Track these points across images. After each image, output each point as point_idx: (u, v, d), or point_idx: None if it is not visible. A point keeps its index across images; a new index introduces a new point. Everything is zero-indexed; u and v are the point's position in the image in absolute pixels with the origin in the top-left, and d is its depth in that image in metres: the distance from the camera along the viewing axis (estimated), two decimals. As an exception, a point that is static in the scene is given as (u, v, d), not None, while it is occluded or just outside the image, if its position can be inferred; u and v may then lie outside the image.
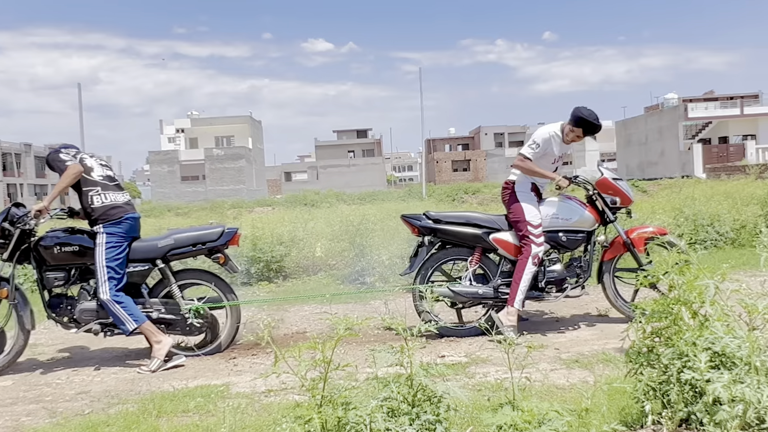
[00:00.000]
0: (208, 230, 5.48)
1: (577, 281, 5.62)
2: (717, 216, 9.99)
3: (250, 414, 3.79)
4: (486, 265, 5.67)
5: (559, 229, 5.56)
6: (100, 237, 5.05)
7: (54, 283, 5.17)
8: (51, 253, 5.11)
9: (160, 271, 5.33)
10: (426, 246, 5.65)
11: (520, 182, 5.54)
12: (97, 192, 5.11)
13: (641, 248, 5.64)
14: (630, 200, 5.66)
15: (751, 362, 2.40)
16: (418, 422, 2.64)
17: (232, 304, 5.44)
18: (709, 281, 2.69)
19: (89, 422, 3.84)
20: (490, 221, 5.61)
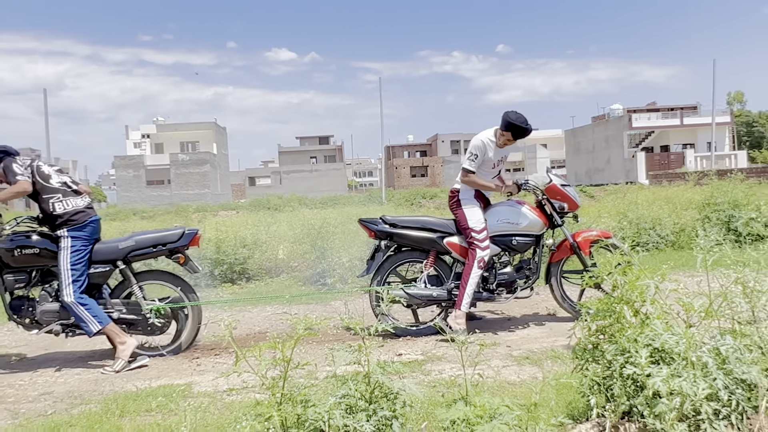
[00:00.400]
0: (168, 232, 5.41)
1: (526, 282, 5.68)
2: (658, 220, 10.19)
3: (212, 412, 3.74)
4: (440, 268, 5.70)
5: (509, 233, 5.61)
6: (64, 241, 4.96)
7: (15, 286, 5.08)
8: (11, 256, 5.01)
9: (122, 272, 5.26)
10: (382, 249, 5.67)
11: (464, 190, 5.58)
12: (58, 198, 5.00)
13: (587, 251, 5.71)
14: (577, 205, 5.75)
15: (688, 357, 2.45)
16: (375, 418, 2.63)
17: (193, 304, 5.37)
18: (650, 281, 2.75)
19: (52, 423, 3.76)
20: (443, 225, 5.64)
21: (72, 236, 4.99)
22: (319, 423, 2.49)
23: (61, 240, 4.97)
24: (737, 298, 2.83)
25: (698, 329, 2.72)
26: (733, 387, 2.47)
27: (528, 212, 5.65)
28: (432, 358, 4.83)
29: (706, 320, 2.79)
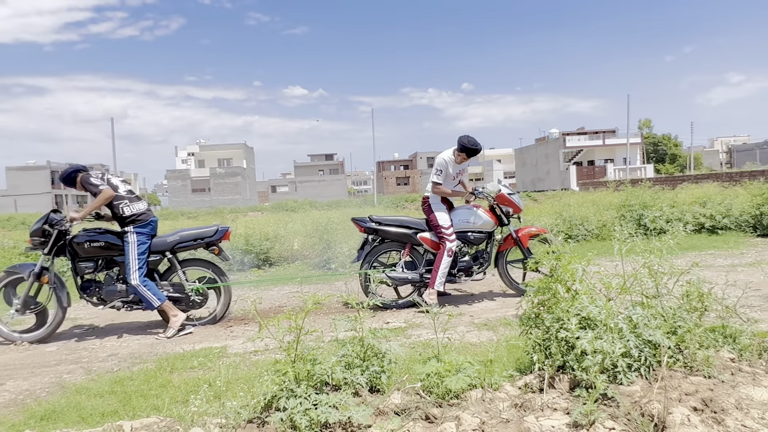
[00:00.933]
0: (205, 228, 5.37)
1: (480, 268, 5.72)
2: (586, 217, 10.23)
3: (242, 369, 3.72)
4: (414, 256, 5.72)
5: (468, 230, 5.64)
6: (131, 236, 4.92)
7: (84, 271, 5.05)
8: (82, 248, 4.99)
9: (169, 260, 5.22)
10: (369, 242, 5.69)
11: (433, 197, 5.59)
12: (125, 203, 4.97)
13: (526, 243, 5.77)
14: (520, 209, 5.80)
15: (608, 324, 2.46)
16: (367, 373, 2.63)
17: (224, 284, 5.35)
18: (578, 265, 2.75)
19: (117, 378, 3.73)
20: (417, 224, 5.65)
21: (137, 232, 4.95)
22: (324, 376, 2.48)
23: (128, 235, 4.93)
24: (645, 278, 2.84)
25: (615, 302, 2.73)
26: (642, 346, 2.48)
27: (482, 214, 5.69)
28: (412, 325, 4.82)
29: (622, 295, 2.80)
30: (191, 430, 2.31)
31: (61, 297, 4.99)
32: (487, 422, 2.22)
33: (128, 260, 4.91)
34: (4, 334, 4.94)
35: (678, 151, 66.21)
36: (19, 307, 4.90)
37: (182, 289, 5.18)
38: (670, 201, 10.97)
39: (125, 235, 4.94)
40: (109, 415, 3.02)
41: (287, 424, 2.23)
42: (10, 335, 4.94)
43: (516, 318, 4.46)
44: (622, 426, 2.08)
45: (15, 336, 4.94)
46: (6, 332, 4.95)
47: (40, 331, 4.97)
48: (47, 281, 4.97)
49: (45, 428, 2.83)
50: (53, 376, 3.95)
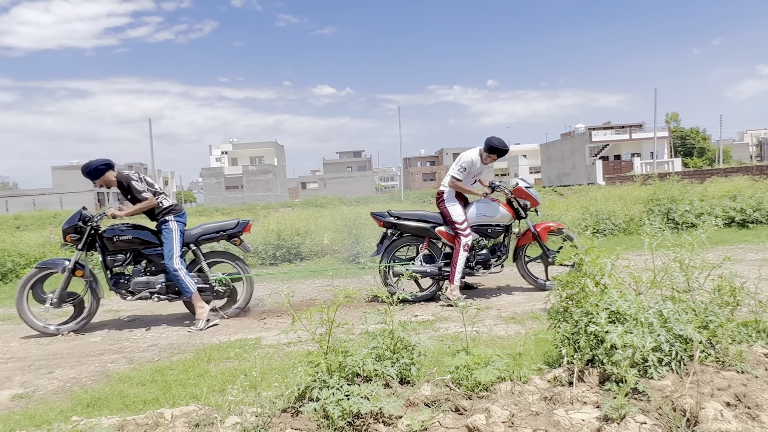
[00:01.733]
0: (227, 222, 5.47)
1: (497, 261, 5.67)
2: (613, 212, 10.03)
3: (275, 360, 3.76)
4: (432, 250, 5.70)
5: (486, 224, 5.61)
6: (172, 224, 5.05)
7: (114, 264, 5.14)
8: (111, 242, 5.08)
9: (193, 252, 5.30)
10: (388, 236, 5.68)
11: (447, 192, 5.55)
12: (164, 197, 5.15)
13: (545, 238, 5.70)
14: (537, 203, 5.74)
15: (638, 318, 2.41)
16: (397, 365, 2.63)
17: (246, 276, 5.43)
18: (607, 260, 2.70)
19: (157, 367, 3.81)
20: (435, 218, 5.62)
21: (177, 220, 5.09)
22: (355, 368, 2.49)
23: (169, 223, 5.05)
24: (675, 272, 2.77)
25: (645, 296, 2.66)
26: (673, 341, 2.42)
27: (500, 207, 5.64)
28: (440, 318, 4.81)
29: (652, 289, 2.74)
30: (228, 418, 2.34)
31: (96, 290, 5.13)
32: (516, 414, 2.19)
33: (170, 246, 5.01)
34: (39, 327, 5.04)
35: (706, 145, 64.40)
36: (54, 300, 5.01)
37: (206, 279, 5.28)
38: (699, 195, 10.68)
39: (165, 224, 5.06)
40: (151, 403, 3.08)
41: (320, 414, 2.24)
42: (46, 328, 5.05)
43: (543, 312, 4.40)
44: (654, 420, 2.03)
45: (51, 328, 5.05)
46: (41, 325, 5.05)
47: (75, 322, 5.10)
48: (82, 275, 5.09)
49: (91, 414, 2.90)
50: (98, 365, 4.06)
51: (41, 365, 4.15)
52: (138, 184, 5.03)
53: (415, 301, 5.52)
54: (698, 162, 60.47)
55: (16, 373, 3.96)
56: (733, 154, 70.22)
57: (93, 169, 5.02)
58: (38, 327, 5.04)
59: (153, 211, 5.12)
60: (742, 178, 14.27)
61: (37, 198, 55.19)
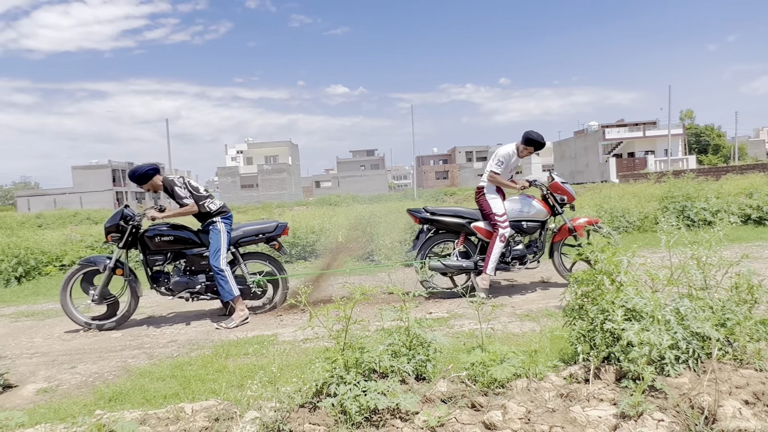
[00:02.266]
0: (267, 224, 5.50)
1: (534, 257, 5.64)
2: (627, 210, 9.93)
3: (292, 356, 3.78)
4: (468, 246, 5.67)
5: (522, 219, 5.59)
6: (219, 225, 5.12)
7: (155, 263, 5.20)
8: (153, 242, 5.13)
9: (232, 254, 5.33)
10: (424, 232, 5.67)
11: (488, 186, 5.55)
12: (210, 201, 5.18)
13: (581, 233, 5.66)
14: (573, 198, 5.70)
15: (654, 316, 2.39)
16: (413, 361, 2.63)
17: (281, 277, 5.47)
18: (623, 257, 2.67)
19: (177, 362, 3.85)
20: (471, 213, 5.61)
21: (224, 222, 5.15)
22: (372, 364, 2.50)
23: (217, 224, 5.11)
24: (693, 270, 2.74)
25: (662, 294, 2.64)
26: (690, 338, 2.39)
27: (536, 204, 5.62)
28: (455, 315, 4.80)
29: (668, 287, 2.71)
30: (247, 413, 2.36)
31: (135, 288, 5.18)
32: (533, 411, 2.19)
33: (217, 246, 5.05)
34: (80, 321, 5.14)
35: (721, 142, 63.44)
36: (95, 297, 5.10)
37: (244, 281, 5.31)
38: (715, 192, 10.52)
39: (213, 225, 5.12)
40: (171, 398, 3.12)
41: (338, 409, 2.25)
42: (88, 322, 5.14)
43: (558, 309, 4.37)
44: (671, 418, 2.01)
45: (92, 323, 5.14)
46: (82, 319, 5.14)
47: (114, 319, 5.16)
48: (122, 273, 5.15)
49: (113, 408, 2.95)
50: (119, 360, 4.11)
51: (64, 360, 4.22)
52: (180, 190, 5.08)
53: (431, 297, 5.51)
54: (713, 159, 59.61)
55: (40, 368, 4.03)
56: (749, 151, 69.04)
57: (142, 174, 5.08)
58: (81, 322, 5.14)
59: (201, 214, 5.17)
60: (758, 175, 14.03)
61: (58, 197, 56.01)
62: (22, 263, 8.67)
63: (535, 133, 5.42)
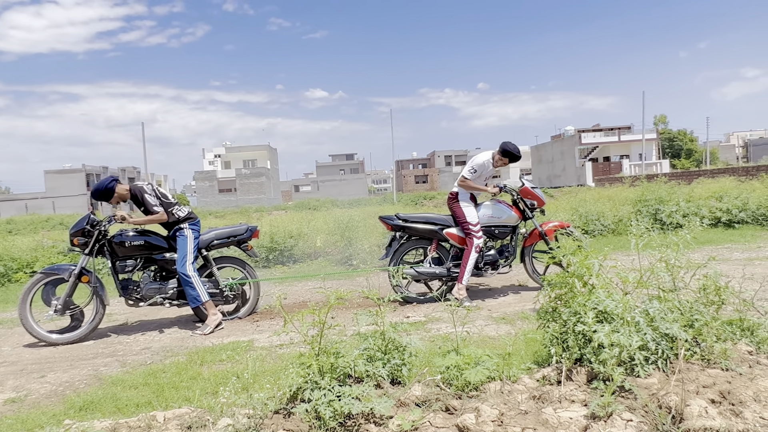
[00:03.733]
0: (237, 227, 5.48)
1: (506, 261, 5.68)
2: (602, 213, 10.09)
3: (268, 362, 3.76)
4: (440, 252, 5.69)
5: (493, 225, 5.62)
6: (187, 231, 5.07)
7: (124, 270, 5.08)
8: (122, 247, 5.02)
9: (204, 258, 5.28)
10: (397, 239, 5.67)
11: (461, 193, 5.56)
12: (178, 208, 5.13)
13: (551, 237, 5.72)
14: (543, 202, 5.75)
15: (624, 317, 2.43)
16: (389, 365, 2.63)
17: (253, 281, 5.43)
18: (595, 260, 2.72)
19: (150, 370, 3.79)
20: (443, 220, 5.62)
21: (192, 228, 5.09)
22: (347, 369, 2.49)
23: (184, 230, 5.05)
24: (662, 272, 2.80)
25: (632, 296, 2.69)
26: (659, 339, 2.44)
27: (506, 209, 5.66)
28: (432, 319, 4.81)
29: (638, 289, 2.76)
30: (220, 420, 2.34)
31: (102, 296, 5.01)
32: (506, 414, 2.21)
33: (184, 252, 4.99)
34: (41, 335, 4.83)
35: (694, 146, 64.88)
36: (59, 307, 4.84)
37: (217, 284, 5.26)
38: (687, 196, 10.76)
39: (180, 231, 5.07)
40: (144, 406, 3.07)
41: (312, 415, 2.25)
42: (48, 336, 4.85)
43: (533, 312, 4.42)
44: (640, 418, 2.05)
45: (53, 338, 4.85)
46: (43, 334, 4.84)
47: (80, 330, 4.92)
48: (88, 281, 4.97)
49: (84, 418, 2.89)
50: (91, 368, 4.03)
51: (34, 369, 4.12)
52: (151, 197, 5.01)
53: (409, 302, 5.52)
54: (686, 163, 60.92)
55: (8, 378, 3.93)
56: (720, 156, 70.79)
57: (104, 189, 4.95)
58: (40, 335, 4.83)
59: (168, 222, 5.10)
60: (729, 179, 14.41)
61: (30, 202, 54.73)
62: (-9, 270, 8.45)
63: (512, 145, 5.46)
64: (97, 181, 43.42)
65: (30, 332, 4.82)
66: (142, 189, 5.03)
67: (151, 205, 4.99)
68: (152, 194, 5.04)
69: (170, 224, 5.14)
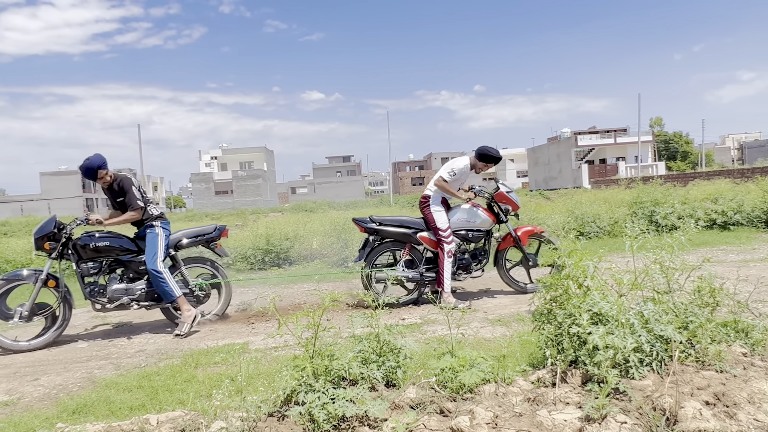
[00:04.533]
0: (205, 227, 5.51)
1: (478, 265, 5.69)
2: (598, 215, 10.12)
3: (263, 364, 3.74)
4: (414, 255, 5.69)
5: (466, 229, 5.62)
6: (158, 229, 5.05)
7: (89, 272, 4.96)
8: (86, 250, 4.92)
9: (172, 258, 5.26)
10: (371, 242, 5.66)
11: (434, 197, 5.53)
12: (152, 206, 5.16)
13: (525, 242, 5.73)
14: (518, 207, 5.79)
15: (619, 319, 2.43)
16: (383, 368, 2.62)
17: (225, 281, 5.45)
18: (589, 262, 2.72)
19: (145, 373, 3.78)
20: (417, 223, 5.61)
21: (163, 227, 5.09)
22: (341, 371, 2.48)
23: (155, 228, 5.04)
24: (656, 274, 2.80)
25: (627, 298, 2.69)
26: (654, 341, 2.44)
27: (480, 213, 5.65)
28: (427, 321, 4.81)
29: (633, 291, 2.76)
30: (214, 423, 2.33)
31: (69, 300, 4.90)
32: (500, 416, 2.20)
33: (155, 249, 4.97)
34: (8, 344, 4.67)
35: (689, 149, 65.14)
36: (25, 313, 4.70)
37: (186, 284, 5.25)
38: (682, 198, 10.80)
39: (152, 228, 5.05)
40: (137, 409, 3.05)
41: (306, 418, 2.24)
42: (15, 345, 4.69)
43: (529, 314, 4.42)
44: (634, 420, 2.04)
45: (22, 344, 4.70)
46: (9, 343, 4.68)
47: (47, 335, 4.80)
48: (55, 285, 4.85)
49: (77, 421, 2.87)
50: (84, 371, 4.01)
51: (27, 372, 4.10)
52: (136, 191, 5.00)
53: (400, 305, 5.50)
54: (681, 165, 61.15)
55: (1, 381, 3.90)
56: (716, 158, 71.09)
57: (99, 166, 4.87)
58: (7, 345, 4.66)
59: (140, 219, 5.08)
60: (724, 181, 14.47)
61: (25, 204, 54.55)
62: (-15, 272, 8.41)
63: (489, 148, 5.47)
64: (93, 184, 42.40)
65: None
66: (131, 181, 5.02)
67: (135, 199, 4.95)
68: (138, 188, 5.03)
69: (141, 222, 5.11)
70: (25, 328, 5.25)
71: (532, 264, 5.76)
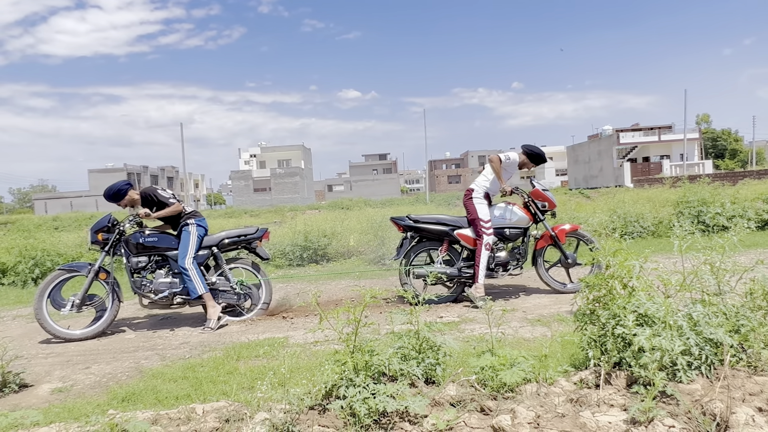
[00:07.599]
0: (248, 229, 5.62)
1: (517, 264, 5.65)
2: (641, 214, 9.85)
3: (303, 358, 3.80)
4: (451, 253, 5.69)
5: (504, 227, 5.61)
6: (192, 227, 5.25)
7: (138, 267, 5.19)
8: (137, 246, 5.18)
9: (215, 256, 5.40)
10: (408, 239, 5.68)
11: (477, 191, 5.57)
12: (185, 204, 5.40)
13: (563, 240, 5.67)
14: (554, 205, 5.73)
15: (666, 321, 2.36)
16: (423, 365, 2.63)
17: (264, 279, 5.53)
18: (635, 262, 2.66)
19: (189, 364, 3.89)
20: (454, 221, 5.62)
21: (198, 224, 5.28)
22: (381, 367, 2.50)
23: (190, 226, 5.24)
24: (706, 275, 2.71)
25: (674, 299, 2.61)
26: (703, 345, 2.37)
27: (517, 211, 5.65)
28: (465, 320, 4.79)
29: (681, 292, 2.69)
30: (257, 414, 2.38)
31: (118, 293, 5.15)
32: (542, 416, 2.18)
33: (186, 247, 5.16)
34: (60, 332, 4.91)
35: (739, 147, 62.63)
36: (77, 302, 4.96)
37: (228, 282, 5.38)
38: (731, 197, 10.38)
39: (186, 226, 5.25)
40: (183, 399, 3.15)
41: (347, 412, 2.26)
42: (68, 334, 4.92)
43: (569, 314, 4.35)
44: (682, 424, 1.99)
45: (75, 333, 4.93)
46: (63, 331, 4.92)
47: (97, 325, 5.02)
48: (105, 278, 5.11)
49: (126, 408, 2.98)
50: (132, 361, 4.16)
51: (79, 361, 4.28)
52: (164, 192, 5.29)
53: (438, 302, 5.50)
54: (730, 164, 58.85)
55: (55, 368, 4.09)
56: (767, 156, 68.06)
57: (116, 191, 5.17)
58: (59, 332, 4.90)
59: (176, 218, 5.30)
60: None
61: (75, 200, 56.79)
62: (39, 265, 8.80)
63: (537, 148, 5.61)
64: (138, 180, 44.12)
65: (44, 327, 4.86)
66: (153, 189, 5.29)
67: (166, 198, 5.24)
68: (163, 190, 5.31)
69: (176, 221, 5.32)
70: (77, 319, 5.50)
71: (571, 262, 5.68)
